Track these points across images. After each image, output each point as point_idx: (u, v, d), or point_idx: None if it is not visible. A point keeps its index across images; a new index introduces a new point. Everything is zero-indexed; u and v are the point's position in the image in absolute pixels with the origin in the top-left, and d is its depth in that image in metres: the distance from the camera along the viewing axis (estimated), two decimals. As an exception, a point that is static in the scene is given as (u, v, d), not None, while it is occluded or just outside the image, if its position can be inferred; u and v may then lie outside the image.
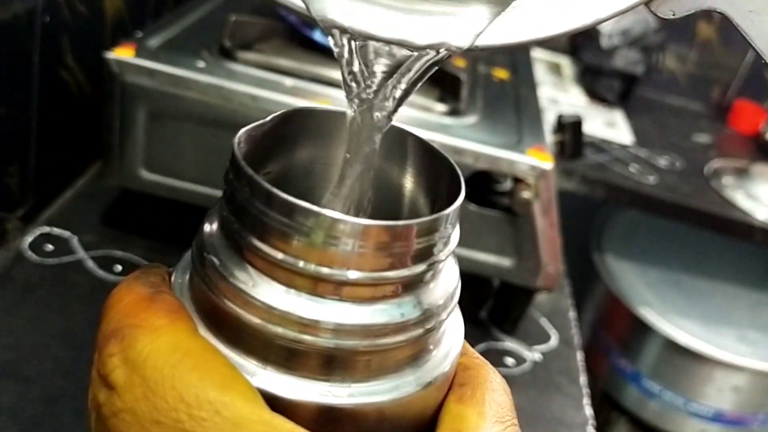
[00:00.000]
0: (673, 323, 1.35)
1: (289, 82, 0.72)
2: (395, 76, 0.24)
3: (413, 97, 0.74)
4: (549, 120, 1.10)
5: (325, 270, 0.22)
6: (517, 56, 0.99)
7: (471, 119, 0.74)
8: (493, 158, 0.68)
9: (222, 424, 0.21)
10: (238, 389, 0.22)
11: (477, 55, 0.93)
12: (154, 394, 0.22)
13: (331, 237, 0.21)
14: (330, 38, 0.23)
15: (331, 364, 0.22)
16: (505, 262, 0.72)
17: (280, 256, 0.22)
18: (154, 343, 0.23)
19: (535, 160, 0.68)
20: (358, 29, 0.22)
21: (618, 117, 1.54)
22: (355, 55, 0.23)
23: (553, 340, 0.82)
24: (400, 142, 0.28)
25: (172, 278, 0.27)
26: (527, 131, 0.74)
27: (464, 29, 0.22)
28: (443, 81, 0.78)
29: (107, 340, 0.24)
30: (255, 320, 0.22)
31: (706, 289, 1.47)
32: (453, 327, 0.26)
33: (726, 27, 1.31)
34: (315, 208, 0.21)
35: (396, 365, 0.23)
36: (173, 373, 0.22)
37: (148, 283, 0.25)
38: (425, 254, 0.23)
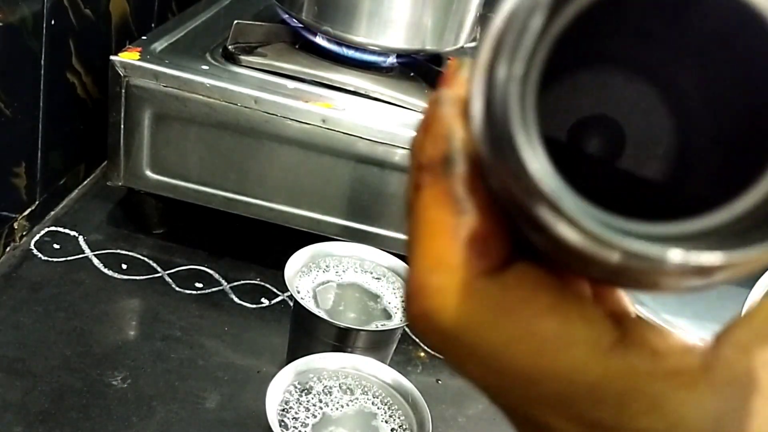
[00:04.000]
0: (665, 321, 1.35)
1: (291, 85, 0.73)
2: None
3: (409, 99, 0.75)
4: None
5: None
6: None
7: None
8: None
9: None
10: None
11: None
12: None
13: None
14: None
15: None
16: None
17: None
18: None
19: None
20: None
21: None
22: None
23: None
24: None
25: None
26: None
27: None
28: (439, 82, 0.79)
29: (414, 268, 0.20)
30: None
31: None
32: None
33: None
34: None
35: None
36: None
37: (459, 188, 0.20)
38: None
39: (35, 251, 0.74)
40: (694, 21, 0.20)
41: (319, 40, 0.78)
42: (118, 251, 0.77)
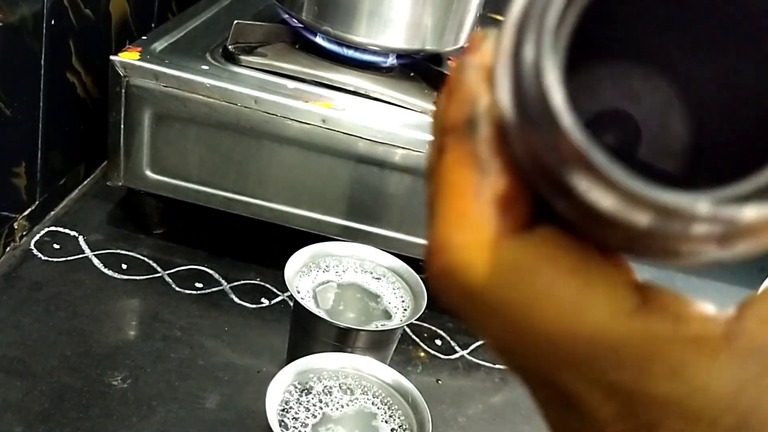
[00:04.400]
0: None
1: (291, 85, 0.73)
2: None
3: (409, 99, 0.75)
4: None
5: None
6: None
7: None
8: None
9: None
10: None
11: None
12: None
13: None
14: None
15: None
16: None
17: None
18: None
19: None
20: None
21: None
22: None
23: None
24: None
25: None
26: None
27: None
28: (439, 82, 0.79)
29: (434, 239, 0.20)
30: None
31: (699, 286, 1.47)
32: None
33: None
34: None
35: None
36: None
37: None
38: None
39: (35, 251, 0.74)
40: (715, 16, 0.20)
41: (319, 40, 0.78)
42: (118, 251, 0.77)
